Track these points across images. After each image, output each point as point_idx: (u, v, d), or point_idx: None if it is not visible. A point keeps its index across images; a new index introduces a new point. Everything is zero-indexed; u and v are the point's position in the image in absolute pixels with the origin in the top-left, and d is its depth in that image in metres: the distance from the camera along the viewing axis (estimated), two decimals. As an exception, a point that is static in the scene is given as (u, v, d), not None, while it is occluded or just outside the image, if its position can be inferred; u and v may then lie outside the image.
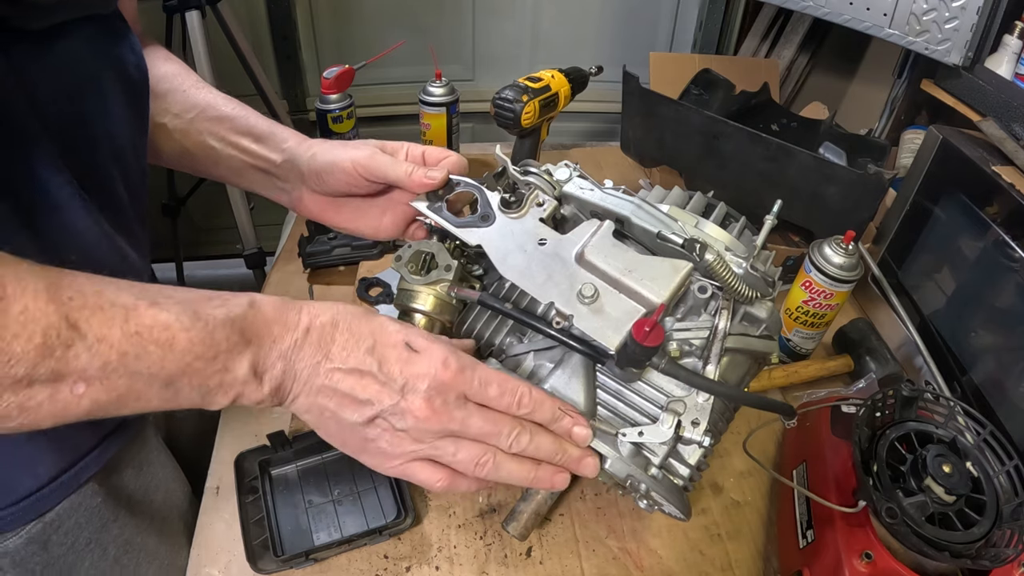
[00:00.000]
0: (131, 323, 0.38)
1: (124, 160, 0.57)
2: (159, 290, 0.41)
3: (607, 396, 0.59)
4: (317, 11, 1.81)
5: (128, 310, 0.38)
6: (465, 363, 0.48)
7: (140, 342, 0.38)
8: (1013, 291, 0.78)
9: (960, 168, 0.87)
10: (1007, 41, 0.95)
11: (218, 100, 0.67)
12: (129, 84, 0.57)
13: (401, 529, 0.69)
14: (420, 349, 0.47)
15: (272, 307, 0.45)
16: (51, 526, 0.57)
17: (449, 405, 0.47)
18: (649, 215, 0.59)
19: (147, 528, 0.67)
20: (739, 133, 0.97)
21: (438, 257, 0.58)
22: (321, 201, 0.66)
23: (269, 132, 0.66)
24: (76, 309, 0.36)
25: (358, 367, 0.46)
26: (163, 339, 0.39)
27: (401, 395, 0.46)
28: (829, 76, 1.62)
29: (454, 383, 0.47)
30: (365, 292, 1.00)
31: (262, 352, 0.43)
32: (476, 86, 1.94)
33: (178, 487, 0.74)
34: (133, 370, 0.38)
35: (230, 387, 0.43)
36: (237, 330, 0.42)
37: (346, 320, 0.47)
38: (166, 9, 1.40)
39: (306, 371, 0.45)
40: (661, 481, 0.55)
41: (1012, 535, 0.57)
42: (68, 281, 0.37)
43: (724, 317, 0.58)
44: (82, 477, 0.58)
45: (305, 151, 0.64)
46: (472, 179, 0.62)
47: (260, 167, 0.67)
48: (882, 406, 0.67)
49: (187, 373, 0.40)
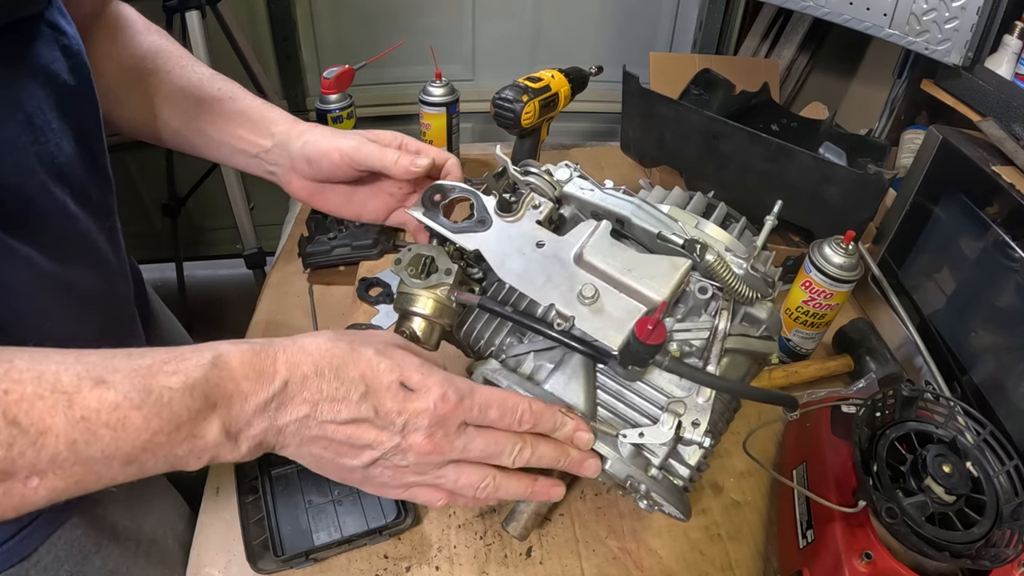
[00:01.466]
0: (75, 409, 0.35)
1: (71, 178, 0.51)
2: (105, 363, 0.37)
3: (607, 397, 0.59)
4: (317, 11, 1.81)
5: (71, 395, 0.35)
6: (463, 391, 0.46)
7: (88, 427, 0.35)
8: (1013, 291, 0.78)
9: (960, 168, 0.87)
10: (1007, 41, 0.95)
11: (203, 79, 0.66)
12: (64, 93, 0.50)
13: (401, 529, 0.69)
14: (416, 387, 0.45)
15: (240, 360, 0.40)
16: (28, 562, 0.55)
17: (450, 436, 0.46)
18: (649, 215, 0.59)
19: (134, 554, 0.65)
20: (739, 133, 0.97)
21: (438, 261, 0.58)
22: (309, 186, 0.66)
23: (259, 116, 0.65)
24: (14, 403, 0.34)
25: (353, 418, 0.43)
26: (113, 421, 0.36)
27: (402, 436, 0.44)
28: (829, 76, 1.62)
29: (454, 415, 0.45)
30: (365, 292, 1.00)
31: (232, 413, 0.40)
32: (476, 86, 1.94)
33: (173, 507, 0.73)
34: (86, 456, 0.35)
35: (202, 452, 0.40)
36: (199, 396, 0.38)
37: (331, 366, 0.43)
38: (166, 9, 1.40)
39: (292, 426, 0.42)
40: (661, 482, 0.55)
41: (1012, 535, 0.57)
42: (3, 369, 0.34)
43: (724, 318, 0.58)
44: (64, 515, 0.57)
45: (296, 137, 0.64)
46: (470, 181, 0.62)
47: (250, 152, 0.66)
48: (882, 406, 0.67)
49: (148, 448, 0.37)
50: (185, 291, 1.96)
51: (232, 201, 1.68)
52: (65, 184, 0.51)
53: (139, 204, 2.00)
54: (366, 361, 0.44)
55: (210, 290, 2.26)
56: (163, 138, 0.67)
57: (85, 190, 0.54)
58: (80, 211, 0.53)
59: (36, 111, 0.48)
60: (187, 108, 0.65)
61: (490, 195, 0.62)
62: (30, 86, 0.47)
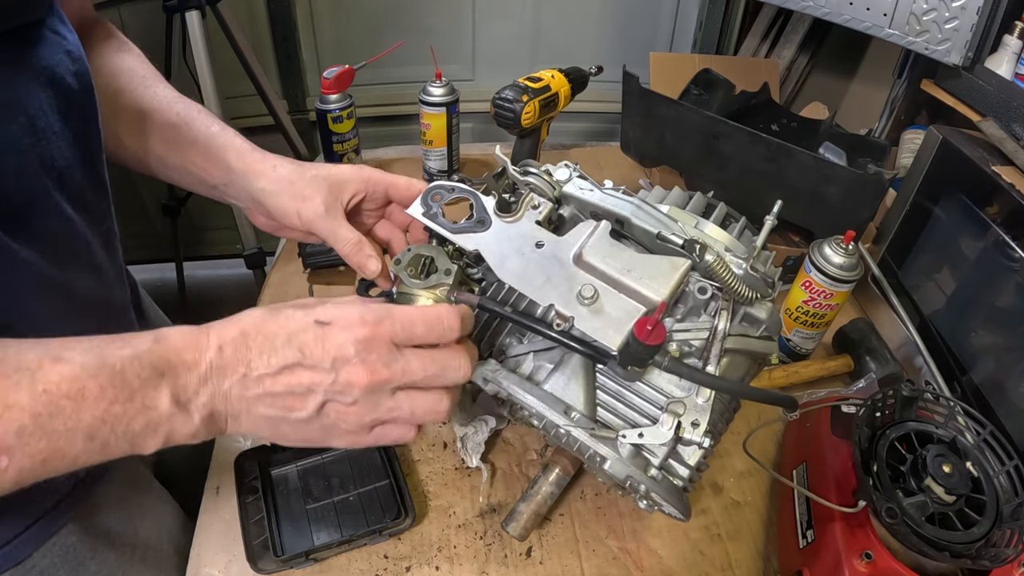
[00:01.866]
0: (38, 384, 0.37)
1: (70, 182, 0.52)
2: (61, 344, 0.40)
3: (607, 397, 0.59)
4: (317, 11, 1.81)
5: (33, 371, 0.37)
6: (380, 313, 0.46)
7: (50, 400, 0.37)
8: (1013, 291, 0.78)
9: (960, 168, 0.87)
10: (1007, 41, 0.95)
11: (163, 103, 0.64)
12: (66, 97, 0.51)
13: (401, 529, 0.69)
14: (331, 320, 0.45)
15: (180, 336, 0.43)
16: (24, 567, 0.55)
17: (384, 359, 0.45)
18: (649, 216, 0.59)
19: (129, 559, 0.65)
20: (739, 133, 0.97)
21: (437, 261, 0.58)
22: (272, 224, 0.66)
23: (214, 146, 0.63)
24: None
25: (283, 364, 0.44)
26: (73, 391, 0.38)
27: (335, 371, 0.44)
28: (829, 76, 1.62)
29: (377, 335, 0.45)
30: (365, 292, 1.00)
31: (179, 381, 0.41)
32: (476, 86, 1.94)
33: (167, 513, 0.73)
34: (50, 429, 0.37)
35: (157, 425, 0.41)
36: (147, 364, 0.40)
37: (254, 326, 0.45)
38: (166, 9, 1.40)
39: (235, 388, 0.43)
40: (661, 482, 0.55)
41: (1012, 535, 0.57)
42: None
43: (724, 318, 0.58)
44: (59, 521, 0.57)
45: (255, 178, 0.62)
46: (470, 181, 0.62)
47: (206, 182, 0.64)
48: (882, 406, 0.67)
49: (107, 420, 0.39)
50: (185, 291, 1.96)
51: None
52: (64, 188, 0.51)
53: (139, 204, 2.00)
54: (284, 315, 0.46)
55: (210, 290, 2.26)
56: (126, 160, 0.65)
57: (82, 194, 0.54)
58: (76, 215, 0.53)
59: (38, 113, 0.48)
60: (145, 132, 0.63)
61: (489, 195, 0.62)
62: (33, 88, 0.48)
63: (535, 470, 0.77)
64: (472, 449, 0.75)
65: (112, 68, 0.64)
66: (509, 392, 0.58)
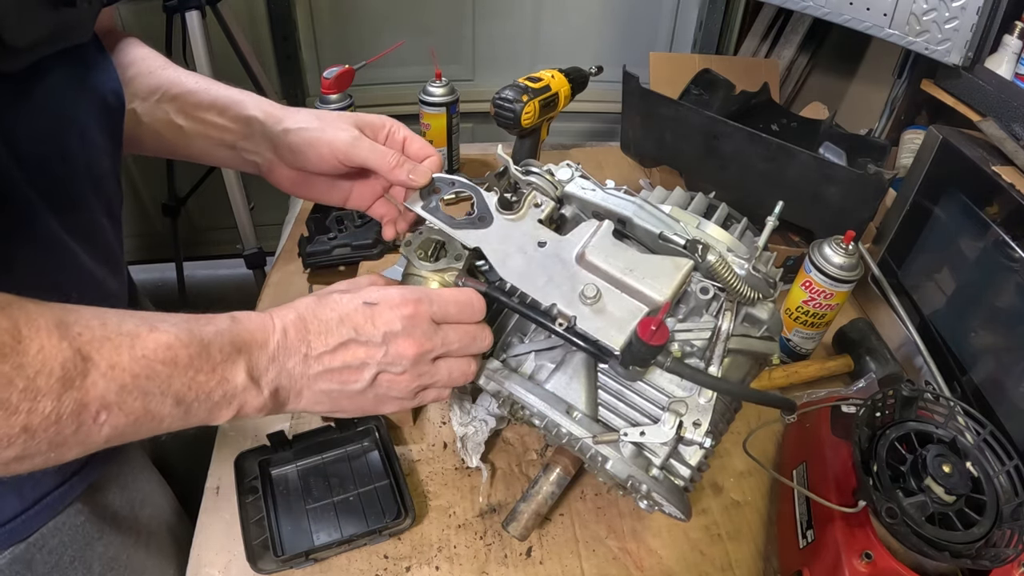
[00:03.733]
0: (137, 348, 0.40)
1: (104, 189, 0.57)
2: (154, 316, 0.43)
3: (608, 397, 0.59)
4: (317, 11, 1.81)
5: (133, 337, 0.41)
6: (419, 295, 0.52)
7: (148, 364, 0.41)
8: (1013, 291, 0.78)
9: (960, 168, 0.87)
10: (1007, 41, 0.95)
11: (181, 76, 0.65)
12: (106, 111, 0.57)
13: (401, 529, 0.69)
14: (377, 300, 0.50)
15: (249, 318, 0.48)
16: (35, 545, 0.57)
17: (428, 332, 0.51)
18: (651, 216, 0.59)
19: (133, 544, 0.67)
20: (739, 133, 0.97)
21: (448, 246, 0.59)
22: (293, 175, 0.66)
23: (232, 102, 0.64)
24: (86, 343, 0.39)
25: (339, 342, 0.49)
26: (168, 358, 0.41)
27: (386, 344, 0.50)
28: (829, 76, 1.62)
29: (420, 313, 0.51)
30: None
31: (253, 358, 0.46)
32: (476, 86, 1.94)
33: (165, 503, 0.74)
34: (146, 390, 0.41)
35: (232, 396, 0.45)
36: (227, 341, 0.45)
37: (310, 311, 0.50)
38: (166, 9, 1.40)
39: (297, 367, 0.48)
40: (662, 482, 0.55)
41: (1012, 535, 0.57)
42: (74, 317, 0.39)
43: (728, 319, 0.58)
44: (68, 497, 0.59)
45: (275, 124, 0.62)
46: (471, 179, 0.62)
47: (226, 141, 0.65)
48: (882, 406, 0.67)
49: (192, 388, 0.43)
50: (185, 291, 1.96)
51: (232, 201, 1.68)
52: (98, 195, 0.57)
53: (139, 204, 2.00)
54: (333, 299, 0.51)
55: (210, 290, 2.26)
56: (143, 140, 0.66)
57: (111, 203, 0.59)
58: (107, 222, 0.59)
59: (88, 127, 0.54)
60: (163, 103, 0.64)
61: (491, 192, 0.62)
62: (85, 104, 0.54)
63: (535, 470, 0.77)
64: (472, 449, 0.75)
65: (129, 59, 0.66)
66: (511, 391, 0.58)
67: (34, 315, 0.38)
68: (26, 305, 0.38)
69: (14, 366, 0.36)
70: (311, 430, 0.77)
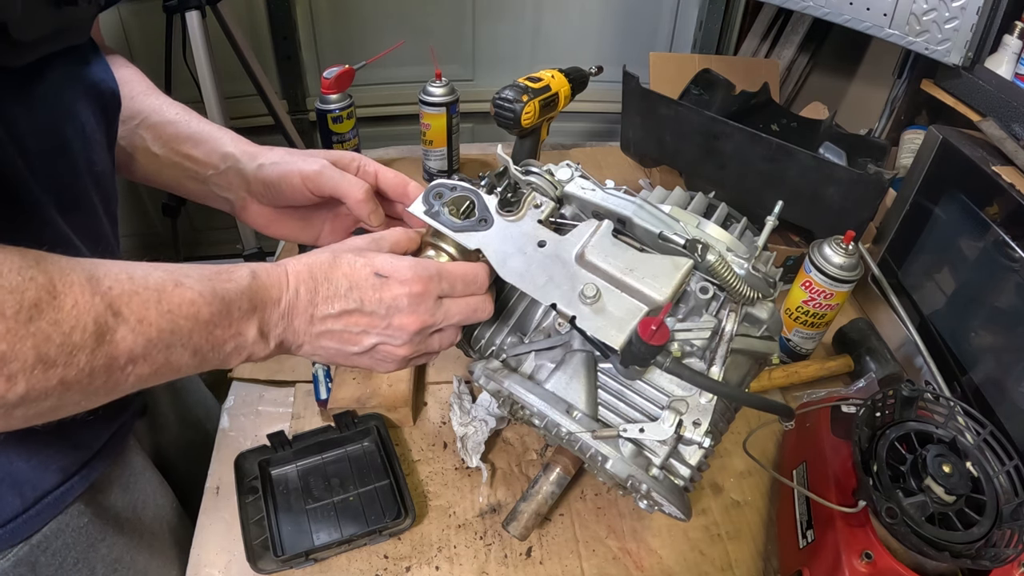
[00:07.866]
0: (164, 303, 0.42)
1: (103, 185, 0.58)
2: (177, 270, 0.45)
3: (608, 396, 0.59)
4: (317, 11, 1.81)
5: (159, 291, 0.42)
6: (431, 271, 0.53)
7: (172, 319, 0.42)
8: (1013, 291, 0.78)
9: (960, 168, 0.87)
10: (1007, 41, 0.95)
11: (162, 106, 0.66)
12: (103, 107, 0.58)
13: (401, 529, 0.69)
14: (389, 273, 0.52)
15: (266, 273, 0.50)
16: (38, 548, 0.57)
17: (431, 309, 0.53)
18: (651, 215, 0.59)
19: (136, 546, 0.67)
20: (739, 133, 0.97)
21: (478, 208, 0.60)
22: (267, 212, 0.67)
23: (210, 137, 0.65)
24: (116, 297, 0.40)
25: (345, 309, 0.51)
26: (191, 313, 0.43)
27: (388, 318, 0.52)
28: (829, 76, 1.62)
29: (428, 291, 0.53)
30: None
31: (266, 315, 0.49)
32: (476, 86, 1.94)
33: (166, 503, 0.74)
34: (169, 343, 0.43)
35: (243, 348, 0.48)
36: (246, 300, 0.47)
37: (322, 272, 0.51)
38: (166, 9, 1.40)
39: (303, 326, 0.51)
40: (662, 482, 0.55)
41: (1012, 535, 0.57)
42: (103, 271, 0.41)
43: (731, 320, 0.58)
44: (68, 498, 0.59)
45: (249, 161, 0.64)
46: (470, 181, 0.62)
47: (199, 175, 0.65)
48: (882, 406, 0.67)
49: (209, 341, 0.45)
50: (185, 291, 1.96)
51: (232, 201, 1.67)
52: (99, 190, 0.57)
53: (139, 204, 2.00)
54: (347, 263, 0.52)
55: (210, 290, 2.26)
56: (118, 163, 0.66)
57: (109, 202, 0.60)
58: (105, 218, 0.59)
59: (87, 122, 0.55)
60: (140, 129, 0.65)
61: (491, 194, 0.62)
62: (84, 99, 0.55)
63: (535, 470, 0.77)
64: (472, 449, 0.75)
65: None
66: (510, 391, 0.58)
67: (67, 270, 0.39)
68: (59, 260, 0.39)
69: (51, 322, 0.37)
70: (311, 430, 0.77)
